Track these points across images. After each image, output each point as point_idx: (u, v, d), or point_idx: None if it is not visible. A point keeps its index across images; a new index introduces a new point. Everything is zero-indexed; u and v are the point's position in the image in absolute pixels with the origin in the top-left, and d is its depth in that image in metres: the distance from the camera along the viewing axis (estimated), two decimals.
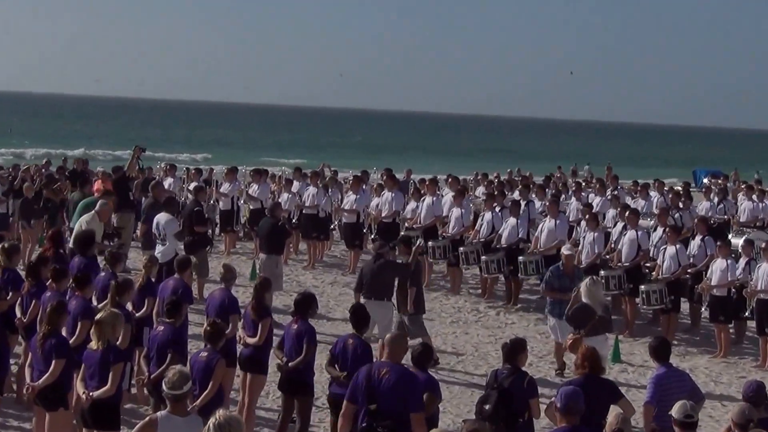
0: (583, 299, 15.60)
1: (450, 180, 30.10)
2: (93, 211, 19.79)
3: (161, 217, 20.36)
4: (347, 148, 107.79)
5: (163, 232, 20.20)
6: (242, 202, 29.71)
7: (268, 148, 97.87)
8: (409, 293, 17.36)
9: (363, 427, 10.27)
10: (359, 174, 30.28)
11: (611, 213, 25.54)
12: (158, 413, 9.36)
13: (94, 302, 14.23)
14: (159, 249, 20.01)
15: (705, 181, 42.49)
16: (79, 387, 11.57)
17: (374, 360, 12.43)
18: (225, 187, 28.45)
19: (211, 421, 7.75)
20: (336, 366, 12.33)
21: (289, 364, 12.85)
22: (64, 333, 12.90)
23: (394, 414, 10.18)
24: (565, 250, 18.31)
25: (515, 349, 11.49)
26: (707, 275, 19.89)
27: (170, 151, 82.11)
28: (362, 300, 16.60)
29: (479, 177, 36.78)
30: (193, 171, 32.58)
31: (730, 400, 16.30)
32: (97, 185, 28.56)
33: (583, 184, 33.28)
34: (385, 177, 28.12)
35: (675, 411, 9.59)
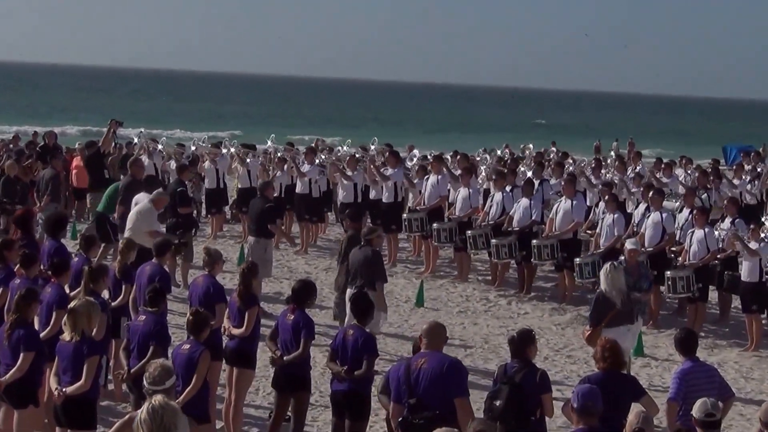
0: (602, 287, 15.57)
1: (459, 157, 30.01)
2: (148, 201, 19.78)
3: (141, 198, 20.33)
4: (357, 121, 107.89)
5: None
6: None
7: (298, 123, 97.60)
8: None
9: (399, 422, 10.36)
10: (356, 152, 30.16)
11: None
12: (138, 411, 9.32)
13: (66, 290, 14.19)
14: None
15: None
16: (51, 382, 11.55)
17: (377, 352, 12.48)
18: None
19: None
20: (337, 361, 12.33)
21: (285, 358, 12.83)
22: (36, 324, 12.90)
23: (436, 404, 10.29)
24: (629, 245, 17.72)
25: (523, 342, 11.45)
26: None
27: (188, 128, 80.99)
28: (348, 290, 16.74)
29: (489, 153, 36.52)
30: (175, 147, 32.49)
31: (763, 397, 16.30)
32: (76, 162, 28.56)
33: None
34: (387, 154, 28.06)
35: (696, 409, 9.59)
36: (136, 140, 31.35)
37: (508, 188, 24.18)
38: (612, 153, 37.34)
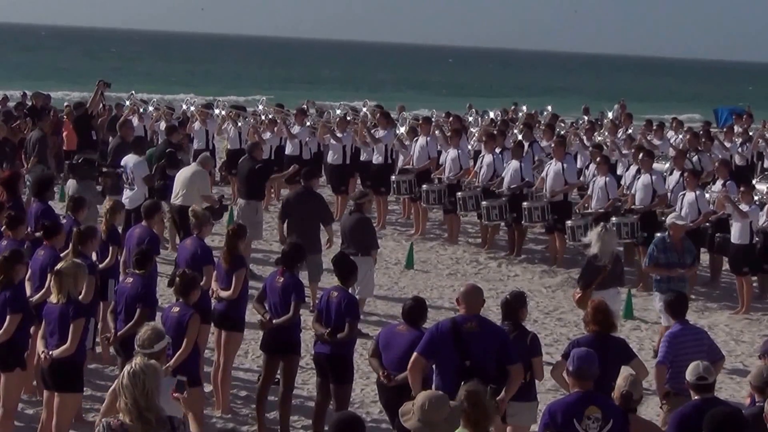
0: (593, 250, 15.50)
1: (451, 119, 29.89)
2: (198, 164, 19.76)
3: (130, 159, 20.23)
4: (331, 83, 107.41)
5: (132, 176, 20.08)
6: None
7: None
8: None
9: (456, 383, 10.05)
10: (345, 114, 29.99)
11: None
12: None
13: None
14: (127, 194, 19.95)
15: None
16: (39, 345, 11.48)
17: (359, 315, 12.43)
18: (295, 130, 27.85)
19: (126, 368, 7.64)
20: (322, 323, 12.28)
21: (274, 321, 12.76)
22: (28, 288, 12.82)
23: (485, 369, 10.32)
24: (674, 219, 17.13)
25: (514, 304, 11.43)
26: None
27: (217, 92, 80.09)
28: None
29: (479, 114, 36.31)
30: (164, 108, 32.27)
31: (753, 360, 16.29)
32: (67, 123, 28.29)
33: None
34: (378, 115, 27.92)
35: (688, 372, 9.54)
36: (127, 102, 31.14)
37: (498, 150, 24.09)
38: (610, 114, 37.06)
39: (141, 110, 29.05)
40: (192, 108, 30.60)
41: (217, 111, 29.45)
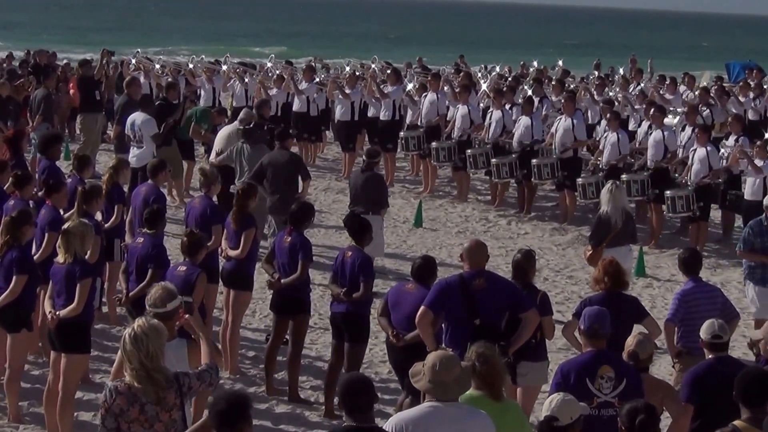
0: (604, 207, 15.41)
1: (461, 75, 29.72)
2: (238, 120, 19.48)
3: (137, 117, 20.15)
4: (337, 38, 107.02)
5: (139, 134, 20.02)
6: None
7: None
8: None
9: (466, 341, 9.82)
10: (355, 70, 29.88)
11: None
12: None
13: (60, 212, 14.02)
14: (134, 152, 19.88)
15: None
16: (46, 305, 11.46)
17: (373, 274, 12.39)
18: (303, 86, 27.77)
19: (127, 332, 7.60)
20: (337, 282, 12.24)
21: (283, 281, 12.73)
22: (33, 248, 12.79)
23: (495, 326, 10.39)
24: None
25: (524, 263, 11.39)
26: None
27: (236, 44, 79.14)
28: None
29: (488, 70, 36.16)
30: (171, 66, 32.12)
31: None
32: (73, 82, 28.17)
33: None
34: (389, 71, 27.75)
35: (703, 331, 9.48)
36: (132, 60, 31.01)
37: (507, 106, 23.97)
38: (621, 70, 36.80)
39: (148, 68, 28.87)
40: (191, 65, 30.38)
41: (224, 68, 29.33)
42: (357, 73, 29.01)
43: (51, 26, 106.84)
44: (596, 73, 35.94)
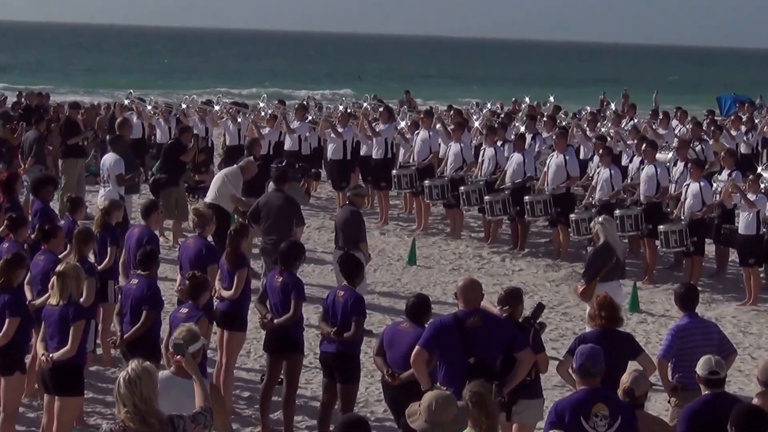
0: (602, 238, 15.20)
1: (453, 112, 29.79)
2: (237, 167, 19.75)
3: (107, 158, 20.55)
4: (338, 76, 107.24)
5: (106, 174, 20.20)
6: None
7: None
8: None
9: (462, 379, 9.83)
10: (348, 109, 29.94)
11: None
12: (160, 372, 9.13)
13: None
14: (101, 192, 20.24)
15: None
16: (39, 348, 11.45)
17: (365, 313, 12.40)
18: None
19: (121, 375, 7.59)
20: (328, 322, 12.24)
21: (275, 321, 12.73)
22: (28, 292, 12.78)
23: (490, 365, 10.42)
24: None
25: (510, 300, 11.37)
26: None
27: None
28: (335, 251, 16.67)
29: (480, 107, 36.30)
30: (162, 107, 32.18)
31: (761, 353, 16.25)
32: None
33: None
34: (381, 109, 27.82)
35: (699, 367, 9.47)
36: (126, 101, 31.09)
37: (499, 143, 24.02)
38: (613, 106, 36.95)
39: (140, 109, 28.99)
40: (185, 106, 30.49)
41: (217, 107, 29.43)
42: (349, 111, 29.06)
43: (49, 66, 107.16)
44: (588, 108, 35.94)
